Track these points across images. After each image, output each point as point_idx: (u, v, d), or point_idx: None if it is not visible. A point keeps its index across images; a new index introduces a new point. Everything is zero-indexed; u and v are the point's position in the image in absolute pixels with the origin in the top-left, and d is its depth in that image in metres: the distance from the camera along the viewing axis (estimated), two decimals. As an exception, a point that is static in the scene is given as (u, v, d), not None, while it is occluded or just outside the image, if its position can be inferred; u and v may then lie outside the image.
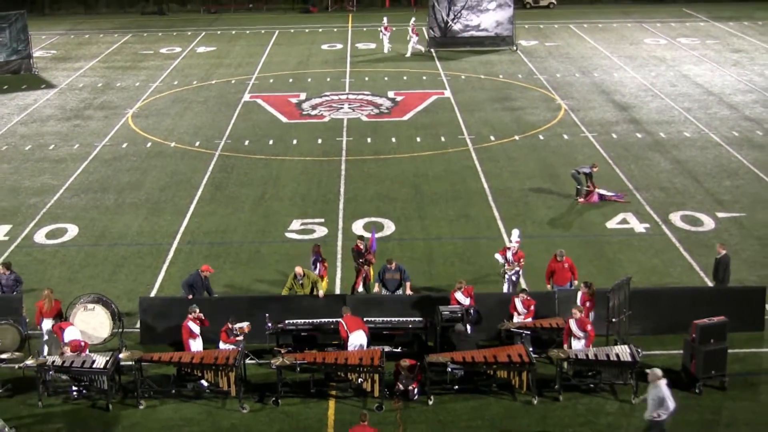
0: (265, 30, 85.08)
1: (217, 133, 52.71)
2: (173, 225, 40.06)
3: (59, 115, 58.52)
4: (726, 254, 31.41)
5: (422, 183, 44.13)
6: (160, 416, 26.31)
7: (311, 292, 30.41)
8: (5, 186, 45.55)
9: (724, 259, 31.32)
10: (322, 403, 26.67)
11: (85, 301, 30.28)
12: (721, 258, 31.32)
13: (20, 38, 70.62)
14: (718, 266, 31.34)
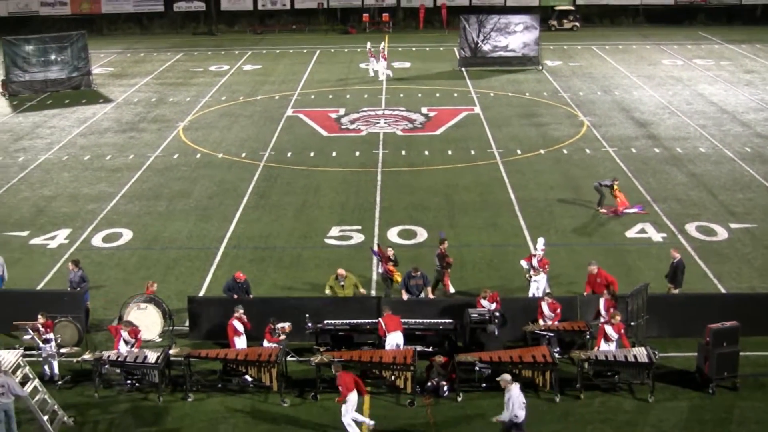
0: (307, 49, 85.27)
1: (261, 145, 52.81)
2: (220, 230, 40.16)
3: (116, 127, 58.79)
4: (681, 259, 31.68)
5: (453, 193, 44.08)
6: (207, 408, 26.41)
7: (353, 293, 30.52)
8: (66, 193, 45.82)
9: (680, 263, 31.54)
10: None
11: (138, 301, 30.46)
12: (677, 262, 31.50)
13: (81, 56, 71.00)
14: (675, 270, 31.45)
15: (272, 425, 25.43)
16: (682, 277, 31.49)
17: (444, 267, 32.47)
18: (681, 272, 31.50)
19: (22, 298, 31.73)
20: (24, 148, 54.29)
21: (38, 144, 55.26)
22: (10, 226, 41.39)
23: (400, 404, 26.32)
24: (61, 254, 37.91)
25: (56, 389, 27.36)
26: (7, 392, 24.24)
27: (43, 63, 69.99)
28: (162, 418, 26.01)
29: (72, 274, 31.71)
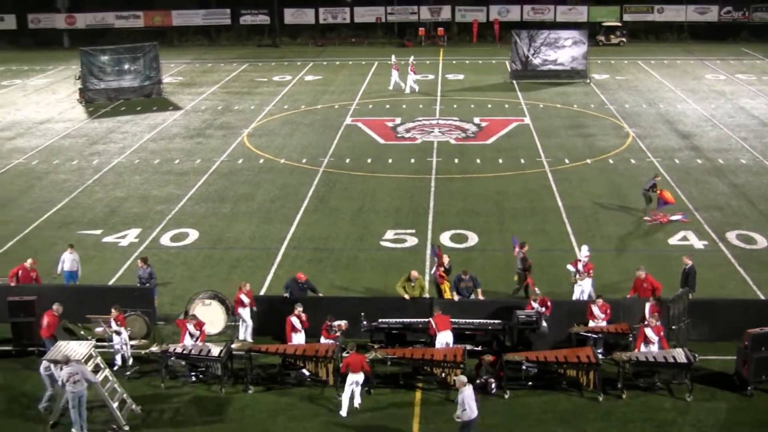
0: (365, 61, 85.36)
1: (321, 152, 52.92)
2: (281, 232, 40.29)
3: (184, 133, 59.18)
4: (692, 265, 31.44)
5: (503, 200, 43.94)
6: (266, 400, 26.50)
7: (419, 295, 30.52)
8: (136, 194, 46.17)
9: (692, 269, 31.30)
10: (409, 394, 26.70)
11: (203, 297, 30.64)
12: (689, 268, 31.27)
13: (152, 66, 71.59)
14: (687, 276, 31.21)
15: (328, 417, 25.45)
16: (694, 282, 31.21)
17: (526, 269, 32.35)
18: (693, 277, 31.28)
19: (95, 292, 32.06)
20: (98, 152, 54.78)
21: (112, 148, 55.73)
22: (84, 225, 41.79)
23: (449, 400, 26.19)
24: (131, 252, 38.20)
25: (125, 379, 27.59)
26: (81, 380, 24.52)
27: (118, 72, 70.60)
28: (224, 409, 26.14)
29: (141, 270, 32.00)
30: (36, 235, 40.74)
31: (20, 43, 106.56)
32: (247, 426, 25.34)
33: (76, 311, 29.85)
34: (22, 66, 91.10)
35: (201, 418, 25.77)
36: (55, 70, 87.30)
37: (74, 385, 24.48)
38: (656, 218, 40.31)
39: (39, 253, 37.11)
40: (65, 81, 74.67)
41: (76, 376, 24.49)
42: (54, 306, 28.49)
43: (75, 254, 33.75)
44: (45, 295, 30.60)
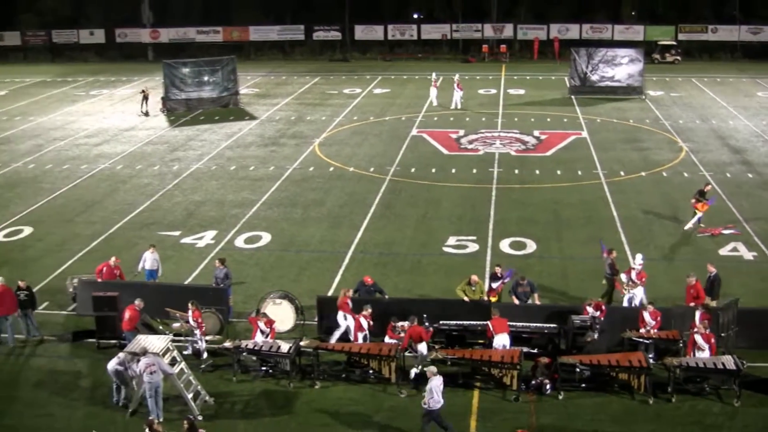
0: (430, 76, 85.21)
1: (388, 161, 52.94)
2: (349, 236, 40.34)
3: (259, 142, 59.51)
4: (716, 273, 30.98)
5: (560, 209, 43.66)
6: (332, 395, 26.53)
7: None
8: (213, 199, 46.50)
9: (716, 277, 30.84)
10: (467, 393, 26.58)
11: (274, 297, 30.78)
12: (714, 276, 30.82)
13: (230, 78, 72.15)
14: (712, 284, 30.77)
15: (389, 413, 25.42)
16: (718, 290, 30.77)
17: (613, 274, 32.12)
18: (717, 285, 30.82)
19: (173, 290, 32.34)
20: (178, 158, 55.29)
21: (191, 155, 56.22)
22: (164, 227, 42.17)
23: (505, 399, 26.11)
24: (207, 253, 38.47)
25: (200, 372, 27.80)
26: (158, 371, 24.87)
27: (198, 84, 71.25)
28: (291, 402, 26.21)
29: (218, 270, 32.20)
30: (119, 235, 41.20)
31: (108, 55, 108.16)
32: (313, 419, 25.38)
33: (156, 307, 30.16)
34: (109, 77, 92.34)
35: (269, 410, 25.90)
36: (139, 81, 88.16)
37: (151, 375, 24.82)
38: (708, 230, 39.85)
39: (122, 252, 37.51)
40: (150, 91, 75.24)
41: (152, 367, 24.84)
42: (135, 301, 28.80)
43: (156, 254, 34.08)
44: (127, 291, 30.96)
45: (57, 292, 34.46)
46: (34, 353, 29.89)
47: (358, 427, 25.01)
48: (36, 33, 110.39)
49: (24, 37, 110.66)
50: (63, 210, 45.47)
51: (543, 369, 26.46)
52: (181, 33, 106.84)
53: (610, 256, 32.56)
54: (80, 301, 32.48)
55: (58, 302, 33.68)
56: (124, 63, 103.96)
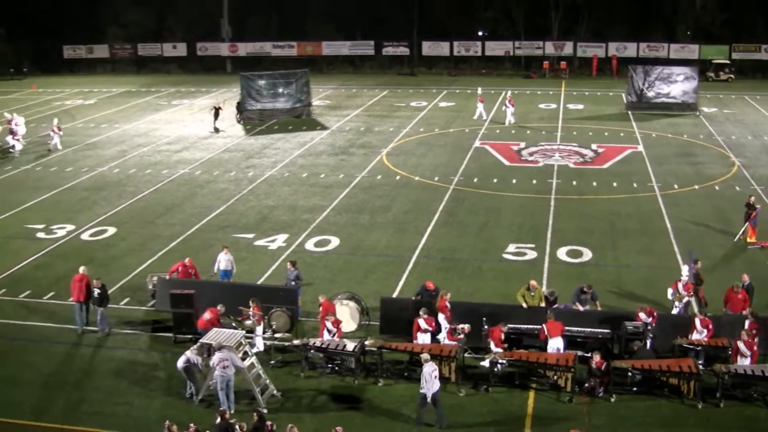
0: (494, 90, 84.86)
1: (452, 171, 52.80)
2: (413, 242, 40.29)
3: (329, 151, 59.70)
4: (750, 282, 30.55)
5: (616, 220, 43.22)
6: (394, 393, 26.52)
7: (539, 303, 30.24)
8: (286, 204, 46.73)
9: (750, 286, 30.38)
10: (523, 394, 26.46)
11: (341, 298, 30.87)
12: (747, 285, 30.35)
13: (303, 90, 72.46)
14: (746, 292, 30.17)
15: (449, 411, 25.26)
16: (751, 298, 30.16)
17: (698, 283, 31.79)
18: (750, 293, 30.25)
19: (247, 290, 32.47)
20: (253, 165, 55.66)
21: (265, 162, 56.56)
22: (239, 229, 42.46)
23: (560, 401, 25.94)
24: (279, 255, 38.66)
25: (269, 367, 27.94)
26: (230, 365, 25.17)
27: (272, 95, 71.63)
28: (355, 399, 26.27)
29: (289, 272, 32.34)
30: (196, 236, 41.58)
31: (189, 68, 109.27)
32: (376, 415, 25.40)
33: (230, 305, 30.36)
34: (190, 88, 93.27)
35: (334, 406, 25.94)
36: (218, 92, 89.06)
37: (223, 370, 25.17)
38: (759, 243, 39.25)
39: (198, 253, 37.91)
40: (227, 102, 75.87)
41: (225, 362, 25.17)
42: (219, 306, 29.03)
43: (229, 255, 34.31)
44: (203, 290, 31.25)
45: (137, 289, 34.89)
46: (115, 345, 30.29)
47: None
48: (123, 46, 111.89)
49: (112, 50, 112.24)
50: (144, 212, 46.00)
51: (596, 371, 26.25)
52: (258, 47, 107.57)
53: (696, 266, 32.17)
54: (159, 298, 32.88)
55: (139, 298, 34.11)
56: (204, 75, 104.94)
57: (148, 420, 25.27)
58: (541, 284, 33.22)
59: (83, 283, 31.45)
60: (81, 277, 31.68)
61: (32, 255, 39.76)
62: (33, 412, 26.02)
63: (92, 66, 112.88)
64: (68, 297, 32.98)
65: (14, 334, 31.47)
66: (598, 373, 26.22)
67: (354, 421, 24.91)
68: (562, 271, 36.02)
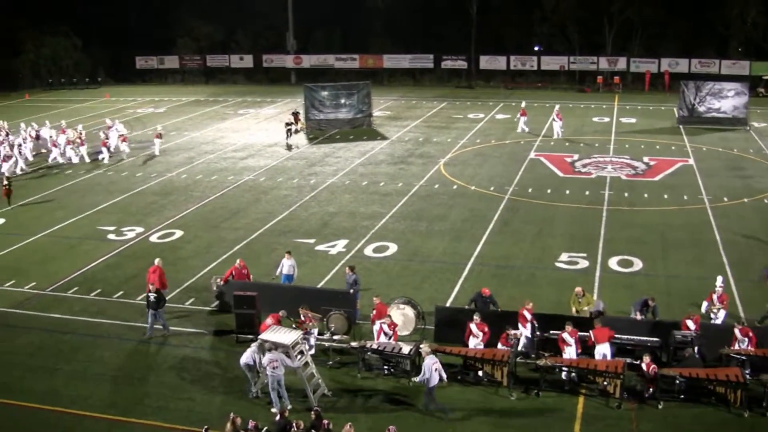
0: (549, 104, 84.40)
1: (507, 181, 52.57)
2: (469, 249, 40.16)
3: (389, 160, 59.77)
4: None
5: (666, 231, 42.71)
6: (447, 395, 26.39)
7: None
8: (346, 210, 46.84)
9: None
10: (573, 399, 26.26)
11: (398, 302, 30.86)
12: None
13: (365, 101, 72.67)
14: None
15: (499, 415, 25.25)
16: None
17: None
18: None
19: (307, 293, 32.63)
20: (315, 173, 55.88)
21: (327, 170, 56.76)
22: (301, 234, 42.64)
23: (608, 406, 25.69)
24: (339, 260, 38.75)
25: (327, 368, 28.04)
26: (280, 365, 25.46)
27: (335, 106, 71.96)
28: (410, 400, 26.24)
29: (348, 276, 32.39)
30: (259, 241, 41.82)
31: (255, 78, 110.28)
32: (429, 416, 25.33)
33: (291, 308, 30.49)
34: (255, 98, 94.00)
35: (390, 407, 25.96)
36: (282, 102, 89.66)
37: (273, 370, 25.48)
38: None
39: (261, 256, 38.19)
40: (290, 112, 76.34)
41: (275, 362, 25.47)
42: (280, 311, 29.18)
43: (292, 260, 34.45)
44: (265, 292, 31.43)
45: (202, 290, 35.19)
46: (179, 343, 30.56)
47: (471, 425, 24.91)
48: (192, 57, 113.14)
49: (182, 61, 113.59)
50: (210, 216, 46.38)
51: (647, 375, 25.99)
52: (322, 59, 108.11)
53: None
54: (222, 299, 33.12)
55: (203, 299, 34.40)
56: (270, 86, 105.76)
57: (209, 415, 25.45)
58: (593, 293, 33.04)
59: (156, 275, 32.50)
60: (154, 268, 32.86)
61: (103, 255, 40.35)
62: (101, 405, 26.40)
63: (163, 76, 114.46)
64: (137, 296, 33.54)
65: (85, 331, 32.00)
66: (648, 377, 25.99)
67: (408, 422, 24.89)
68: (613, 280, 35.69)
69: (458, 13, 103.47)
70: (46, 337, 31.47)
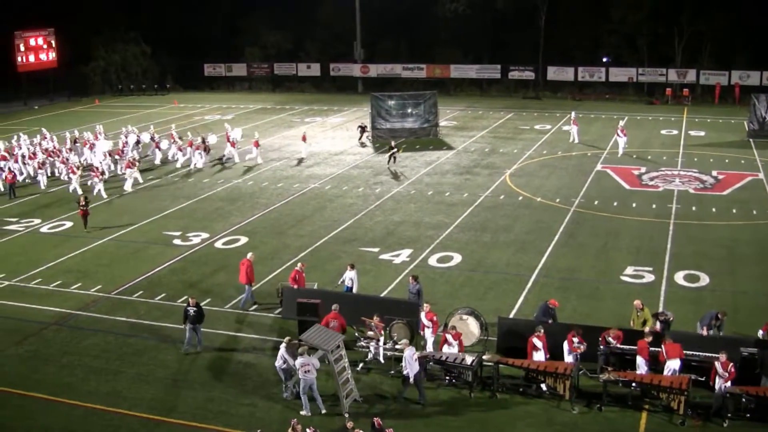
0: (616, 115, 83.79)
1: (573, 193, 52.28)
2: (533, 261, 40.01)
3: (455, 170, 59.76)
4: None
5: (734, 246, 42.12)
6: (509, 407, 26.41)
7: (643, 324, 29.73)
8: (411, 220, 46.94)
9: None
10: (636, 414, 26.03)
11: (461, 313, 30.84)
12: None
13: (431, 111, 72.76)
14: None
15: (561, 428, 25.14)
16: None
17: None
18: None
19: (370, 301, 32.80)
20: (381, 182, 56.11)
21: (392, 179, 56.94)
22: (365, 243, 42.83)
23: (672, 423, 25.44)
24: (402, 269, 38.85)
25: (389, 377, 28.16)
26: (312, 370, 26.02)
27: (401, 115, 72.19)
28: (471, 411, 26.24)
29: (412, 286, 32.42)
30: (324, 248, 42.08)
31: (322, 87, 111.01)
32: (489, 428, 25.33)
33: (353, 315, 30.71)
34: (322, 106, 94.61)
35: (450, 417, 25.94)
36: (349, 111, 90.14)
37: (305, 374, 25.98)
38: None
39: (326, 264, 38.43)
40: (357, 121, 76.74)
41: (307, 366, 25.97)
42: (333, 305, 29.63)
43: (353, 272, 34.45)
44: (329, 299, 31.58)
45: (266, 296, 35.53)
46: (242, 349, 30.90)
47: (533, 438, 24.88)
48: (260, 65, 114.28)
49: (249, 69, 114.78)
50: (276, 223, 46.80)
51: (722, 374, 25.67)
52: (389, 69, 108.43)
53: None
54: (286, 306, 33.40)
55: (267, 305, 34.69)
56: (336, 94, 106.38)
57: (270, 421, 25.72)
58: (658, 307, 32.70)
59: (243, 267, 34.42)
60: (244, 261, 34.71)
61: (168, 260, 40.95)
62: (163, 409, 26.80)
63: (230, 83, 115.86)
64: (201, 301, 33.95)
65: (148, 334, 32.53)
66: (724, 375, 25.68)
67: (468, 433, 24.94)
68: (679, 295, 35.31)
69: (526, 23, 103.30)
70: (110, 339, 32.04)
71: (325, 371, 27.04)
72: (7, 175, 54.80)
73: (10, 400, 27.67)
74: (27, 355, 31.02)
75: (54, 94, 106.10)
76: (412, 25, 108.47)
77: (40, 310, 35.27)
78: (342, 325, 29.78)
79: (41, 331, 33.10)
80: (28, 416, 26.61)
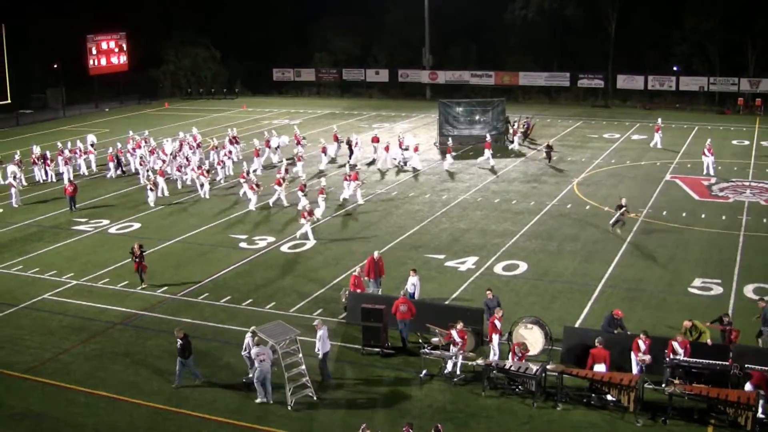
0: (686, 125, 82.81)
1: (641, 203, 51.74)
2: (600, 271, 39.73)
3: (522, 178, 59.56)
4: None
5: (808, 260, 41.52)
6: (572, 418, 26.22)
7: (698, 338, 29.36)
8: (477, 227, 46.88)
9: None
10: (701, 429, 25.66)
11: (526, 321, 30.72)
12: None
13: (499, 118, 72.69)
14: None
15: (626, 440, 25.00)
16: None
17: None
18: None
19: (435, 308, 32.85)
20: (447, 189, 56.12)
21: (459, 186, 56.95)
22: (430, 250, 42.87)
23: (742, 438, 25.14)
24: (468, 276, 38.83)
25: (452, 385, 28.13)
26: (267, 359, 27.32)
27: (469, 122, 72.26)
28: (533, 421, 26.11)
29: (490, 300, 31.80)
30: (390, 254, 42.08)
31: (390, 93, 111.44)
32: None
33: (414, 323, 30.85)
34: (390, 112, 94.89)
35: (512, 427, 25.83)
36: (416, 117, 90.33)
37: (261, 363, 27.15)
38: None
39: (391, 270, 38.44)
40: (425, 126, 76.87)
41: (262, 356, 27.18)
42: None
43: (416, 278, 34.46)
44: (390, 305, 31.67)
45: (330, 300, 35.76)
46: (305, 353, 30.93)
47: (596, 449, 24.70)
48: (329, 71, 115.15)
49: (318, 74, 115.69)
50: (342, 228, 47.00)
51: None
52: (457, 75, 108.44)
53: None
54: (350, 311, 33.57)
55: (331, 310, 34.94)
56: (404, 100, 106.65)
57: (332, 425, 25.88)
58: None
59: (377, 266, 35.58)
60: (371, 259, 35.79)
61: (234, 263, 41.40)
62: (226, 411, 27.09)
63: (299, 88, 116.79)
64: (266, 304, 34.44)
65: (213, 336, 32.90)
66: None
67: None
68: (749, 309, 34.69)
69: (596, 31, 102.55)
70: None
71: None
72: (68, 186, 54.13)
73: (77, 397, 28.25)
74: (93, 354, 31.65)
75: (124, 96, 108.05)
76: (481, 32, 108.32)
77: (106, 309, 35.97)
78: (411, 310, 30.79)
79: (107, 330, 33.76)
80: (94, 413, 27.11)
